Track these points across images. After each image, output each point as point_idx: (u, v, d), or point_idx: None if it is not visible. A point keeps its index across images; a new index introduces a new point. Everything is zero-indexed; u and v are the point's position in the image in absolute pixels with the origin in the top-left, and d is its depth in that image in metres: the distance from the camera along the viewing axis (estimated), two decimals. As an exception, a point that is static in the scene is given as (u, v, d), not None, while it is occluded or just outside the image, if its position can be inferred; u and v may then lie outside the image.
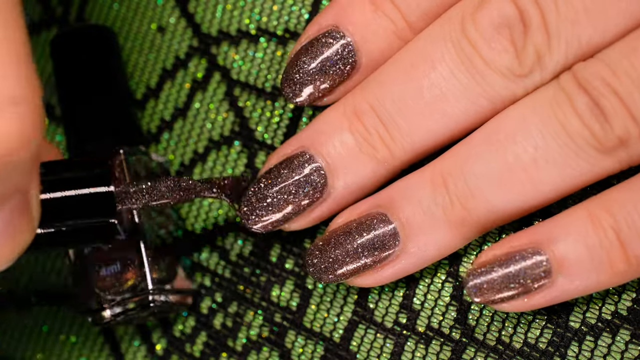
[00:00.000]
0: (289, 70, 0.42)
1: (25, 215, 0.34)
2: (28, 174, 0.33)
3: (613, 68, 0.36)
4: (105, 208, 0.41)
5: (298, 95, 0.42)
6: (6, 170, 0.31)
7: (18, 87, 0.30)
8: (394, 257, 0.40)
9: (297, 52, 0.42)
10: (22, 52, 0.31)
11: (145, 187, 0.41)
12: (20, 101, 0.30)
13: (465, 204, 0.39)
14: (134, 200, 0.41)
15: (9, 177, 0.32)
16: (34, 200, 0.34)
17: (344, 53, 0.41)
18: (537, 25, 0.37)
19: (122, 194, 0.41)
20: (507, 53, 0.38)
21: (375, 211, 0.41)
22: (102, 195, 0.41)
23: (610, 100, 0.36)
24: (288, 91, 0.42)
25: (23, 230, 0.34)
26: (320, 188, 0.41)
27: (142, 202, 0.41)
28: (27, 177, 0.33)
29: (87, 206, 0.40)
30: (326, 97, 0.42)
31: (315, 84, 0.42)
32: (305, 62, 0.42)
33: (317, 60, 0.42)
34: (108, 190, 0.41)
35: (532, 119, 0.38)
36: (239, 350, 0.46)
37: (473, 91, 0.39)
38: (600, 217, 0.37)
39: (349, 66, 0.42)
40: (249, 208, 0.42)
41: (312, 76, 0.42)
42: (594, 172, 0.38)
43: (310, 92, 0.42)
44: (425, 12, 0.41)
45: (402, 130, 0.40)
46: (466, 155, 0.39)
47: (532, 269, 0.38)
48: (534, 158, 0.38)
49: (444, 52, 0.39)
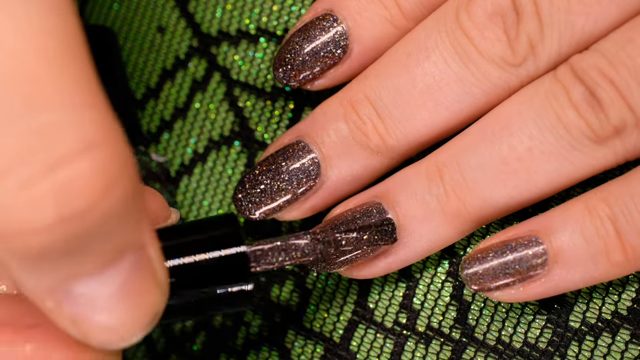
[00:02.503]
0: (281, 52, 0.42)
1: (145, 273, 0.31)
2: (134, 226, 0.30)
3: (609, 58, 0.37)
4: (239, 271, 0.36)
5: (289, 77, 0.42)
6: (100, 226, 0.28)
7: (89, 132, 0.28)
8: (391, 247, 0.40)
9: (290, 34, 0.42)
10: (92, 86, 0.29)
11: (281, 244, 0.37)
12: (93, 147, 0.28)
13: (460, 195, 0.39)
14: (268, 259, 0.37)
15: (108, 233, 0.29)
16: (154, 257, 0.31)
17: (336, 36, 0.42)
18: (530, 14, 0.38)
19: (255, 254, 0.37)
20: (499, 42, 0.38)
21: (372, 201, 0.41)
22: (235, 257, 0.36)
23: (606, 90, 0.36)
24: (279, 72, 0.42)
25: (148, 290, 0.31)
26: (313, 176, 0.42)
27: (278, 261, 0.37)
28: (134, 230, 0.30)
29: (219, 271, 0.35)
30: (317, 80, 0.42)
31: (306, 65, 0.42)
32: (298, 43, 0.42)
33: (309, 43, 0.42)
34: (241, 251, 0.36)
35: (528, 111, 0.38)
36: (238, 350, 0.46)
37: (467, 81, 0.39)
38: (597, 208, 0.37)
39: (340, 49, 0.42)
40: (243, 195, 0.42)
41: (304, 57, 0.42)
42: (589, 165, 0.38)
43: (302, 74, 0.42)
44: (420, 0, 0.41)
45: (395, 120, 0.40)
46: (462, 147, 0.39)
47: (528, 256, 0.38)
48: (529, 148, 0.38)
49: (438, 41, 0.39)
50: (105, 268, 0.30)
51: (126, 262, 0.30)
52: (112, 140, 0.28)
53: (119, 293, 0.31)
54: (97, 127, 0.28)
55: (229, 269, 0.36)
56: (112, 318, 0.31)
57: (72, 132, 0.28)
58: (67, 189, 0.27)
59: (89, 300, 0.30)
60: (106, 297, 0.30)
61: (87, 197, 0.28)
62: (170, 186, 0.47)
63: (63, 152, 0.27)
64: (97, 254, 0.29)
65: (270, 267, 0.37)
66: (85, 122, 0.28)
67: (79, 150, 0.28)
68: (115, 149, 0.28)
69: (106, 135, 0.28)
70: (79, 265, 0.29)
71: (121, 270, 0.30)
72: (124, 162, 0.29)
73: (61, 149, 0.27)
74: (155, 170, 0.46)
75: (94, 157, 0.28)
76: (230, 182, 0.46)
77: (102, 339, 0.31)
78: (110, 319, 0.31)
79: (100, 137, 0.28)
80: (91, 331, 0.31)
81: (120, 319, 0.31)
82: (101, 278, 0.30)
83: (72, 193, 0.28)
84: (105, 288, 0.30)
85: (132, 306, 0.31)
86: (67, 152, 0.27)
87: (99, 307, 0.31)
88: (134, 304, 0.31)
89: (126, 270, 0.30)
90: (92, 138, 0.28)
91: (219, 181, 0.47)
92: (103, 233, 0.29)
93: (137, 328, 0.31)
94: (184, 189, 0.47)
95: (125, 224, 0.29)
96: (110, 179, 0.28)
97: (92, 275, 0.30)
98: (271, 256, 0.37)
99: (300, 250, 0.38)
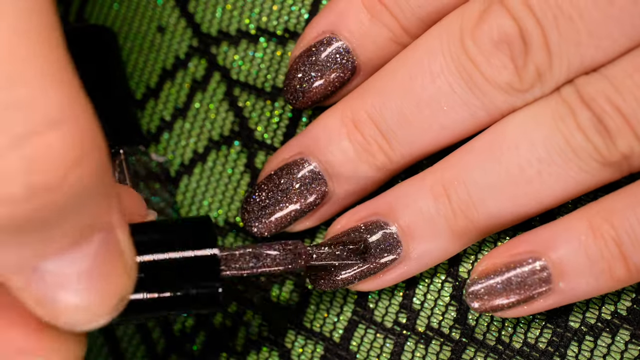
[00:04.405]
0: (289, 78, 0.43)
1: (114, 255, 0.31)
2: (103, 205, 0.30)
3: (616, 86, 0.36)
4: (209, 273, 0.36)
5: (299, 102, 0.43)
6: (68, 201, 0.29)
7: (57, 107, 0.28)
8: (396, 263, 0.41)
9: (296, 59, 0.42)
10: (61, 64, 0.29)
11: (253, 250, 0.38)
12: (61, 122, 0.28)
13: (468, 214, 0.39)
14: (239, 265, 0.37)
15: (77, 210, 0.29)
16: (122, 240, 0.32)
17: (343, 61, 0.42)
18: (538, 45, 0.37)
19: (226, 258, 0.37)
20: (506, 69, 0.38)
21: (375, 219, 0.41)
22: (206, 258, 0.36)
23: (614, 118, 0.36)
24: (290, 98, 0.43)
25: (116, 273, 0.31)
26: (321, 194, 0.42)
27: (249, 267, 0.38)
28: (103, 210, 0.30)
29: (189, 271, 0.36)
30: (328, 101, 0.43)
31: (315, 91, 0.42)
32: (305, 70, 0.42)
33: (316, 69, 0.42)
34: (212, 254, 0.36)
35: (535, 130, 0.38)
36: (238, 350, 0.46)
37: (472, 105, 0.39)
38: (602, 228, 0.37)
39: (349, 72, 0.42)
40: (251, 215, 0.42)
41: (312, 85, 0.42)
42: (595, 183, 0.38)
43: (311, 99, 0.43)
44: (422, 19, 0.41)
45: (400, 140, 0.40)
46: (467, 164, 0.39)
47: (532, 277, 0.38)
48: (539, 171, 0.38)
49: (443, 66, 0.39)
50: (74, 247, 0.30)
51: (95, 243, 0.31)
52: (81, 116, 0.29)
53: (87, 273, 0.31)
54: (66, 103, 0.28)
55: (199, 270, 0.36)
56: (81, 298, 0.31)
57: (41, 107, 0.28)
58: (35, 163, 0.28)
59: (57, 279, 0.30)
60: (75, 276, 0.31)
61: (55, 171, 0.28)
62: (170, 186, 0.47)
63: (32, 126, 0.28)
64: (66, 231, 0.30)
65: (241, 272, 0.37)
66: (54, 98, 0.28)
67: (47, 125, 0.28)
68: (83, 125, 0.29)
69: (75, 111, 0.29)
70: (47, 242, 0.30)
71: (90, 250, 0.30)
72: (92, 138, 0.29)
73: (30, 124, 0.28)
74: (155, 170, 0.46)
75: (63, 132, 0.28)
76: (230, 182, 0.46)
77: (69, 320, 0.31)
78: (79, 299, 0.31)
79: (68, 113, 0.28)
80: (59, 311, 0.31)
81: (88, 299, 0.31)
82: (70, 257, 0.30)
83: (41, 166, 0.28)
84: (74, 267, 0.30)
85: (100, 287, 0.31)
86: (35, 126, 0.28)
87: (67, 286, 0.31)
88: (102, 285, 0.31)
89: (95, 251, 0.31)
90: (61, 114, 0.28)
91: (218, 181, 0.47)
92: (72, 209, 0.29)
93: (104, 309, 0.32)
94: (184, 189, 0.47)
95: (94, 201, 0.30)
96: (79, 154, 0.28)
97: (61, 254, 0.30)
98: (242, 261, 0.37)
99: (271, 258, 0.38)
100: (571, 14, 0.37)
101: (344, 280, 0.41)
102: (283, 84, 0.43)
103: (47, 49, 0.28)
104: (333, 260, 0.40)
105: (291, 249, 0.38)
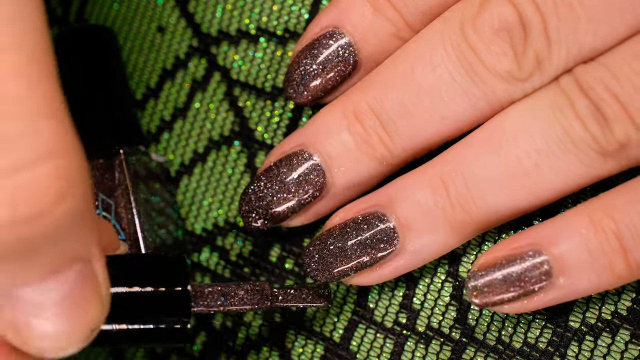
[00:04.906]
0: (290, 71, 0.42)
1: (90, 286, 0.32)
2: (84, 238, 0.31)
3: (614, 73, 0.36)
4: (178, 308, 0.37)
5: (300, 96, 0.42)
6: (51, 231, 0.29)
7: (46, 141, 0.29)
8: (393, 256, 0.40)
9: (298, 53, 0.42)
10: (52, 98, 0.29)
11: (222, 289, 0.39)
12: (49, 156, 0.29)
13: (466, 207, 0.39)
14: (207, 302, 0.39)
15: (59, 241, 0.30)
16: (99, 271, 0.32)
17: (345, 55, 0.42)
18: (538, 30, 0.37)
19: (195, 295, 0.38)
20: (506, 57, 0.38)
21: (374, 210, 0.41)
22: (177, 294, 0.37)
23: (611, 105, 0.36)
24: (290, 92, 0.43)
25: (91, 303, 0.32)
26: (319, 187, 0.42)
27: (216, 305, 0.39)
28: (83, 242, 0.31)
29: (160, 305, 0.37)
30: (328, 96, 0.43)
31: (317, 84, 0.42)
32: (307, 63, 0.42)
33: (318, 62, 0.42)
34: (184, 290, 0.38)
35: (533, 122, 0.38)
36: (238, 350, 0.46)
37: (472, 94, 0.39)
38: (602, 222, 0.37)
39: (351, 66, 0.42)
40: (249, 207, 0.42)
41: (314, 78, 0.42)
42: (594, 175, 0.38)
43: (313, 93, 0.42)
44: (425, 13, 0.41)
45: (401, 132, 0.40)
46: (466, 157, 0.39)
47: (533, 271, 0.38)
48: (537, 163, 0.38)
49: (444, 55, 0.39)
50: (51, 276, 0.31)
51: (72, 273, 0.31)
52: (69, 150, 0.29)
53: (62, 302, 0.31)
54: (55, 137, 0.29)
55: (169, 305, 0.37)
56: (54, 326, 0.31)
57: (30, 140, 0.28)
58: (22, 193, 0.28)
59: (32, 307, 0.31)
60: (50, 305, 0.31)
61: (40, 203, 0.29)
62: (170, 186, 0.47)
63: (21, 158, 0.28)
64: (46, 260, 0.30)
65: (208, 309, 0.38)
66: (43, 132, 0.29)
67: (36, 158, 0.29)
68: (71, 159, 0.29)
69: (63, 145, 0.29)
70: (26, 270, 0.30)
71: (67, 280, 0.31)
72: (79, 173, 0.30)
73: (19, 156, 0.28)
74: (155, 170, 0.46)
75: (51, 165, 0.29)
76: (230, 182, 0.46)
77: (41, 347, 0.32)
78: (52, 327, 0.31)
79: (57, 147, 0.29)
80: (30, 338, 0.31)
81: (61, 328, 0.31)
82: (47, 285, 0.31)
83: (27, 197, 0.28)
84: (50, 296, 0.31)
85: (74, 317, 0.32)
86: (24, 158, 0.28)
87: (41, 313, 0.31)
88: (76, 314, 0.31)
89: (72, 281, 0.31)
90: (50, 147, 0.29)
91: (219, 181, 0.47)
92: (53, 240, 0.29)
93: (75, 339, 0.32)
94: (184, 189, 0.47)
95: (75, 234, 0.30)
96: (65, 188, 0.29)
97: (38, 282, 0.30)
98: (210, 299, 0.39)
99: (239, 298, 0.40)
100: (571, 1, 0.37)
101: (340, 272, 0.41)
102: (284, 79, 0.43)
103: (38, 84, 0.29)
104: (298, 303, 0.41)
105: (258, 290, 0.40)
